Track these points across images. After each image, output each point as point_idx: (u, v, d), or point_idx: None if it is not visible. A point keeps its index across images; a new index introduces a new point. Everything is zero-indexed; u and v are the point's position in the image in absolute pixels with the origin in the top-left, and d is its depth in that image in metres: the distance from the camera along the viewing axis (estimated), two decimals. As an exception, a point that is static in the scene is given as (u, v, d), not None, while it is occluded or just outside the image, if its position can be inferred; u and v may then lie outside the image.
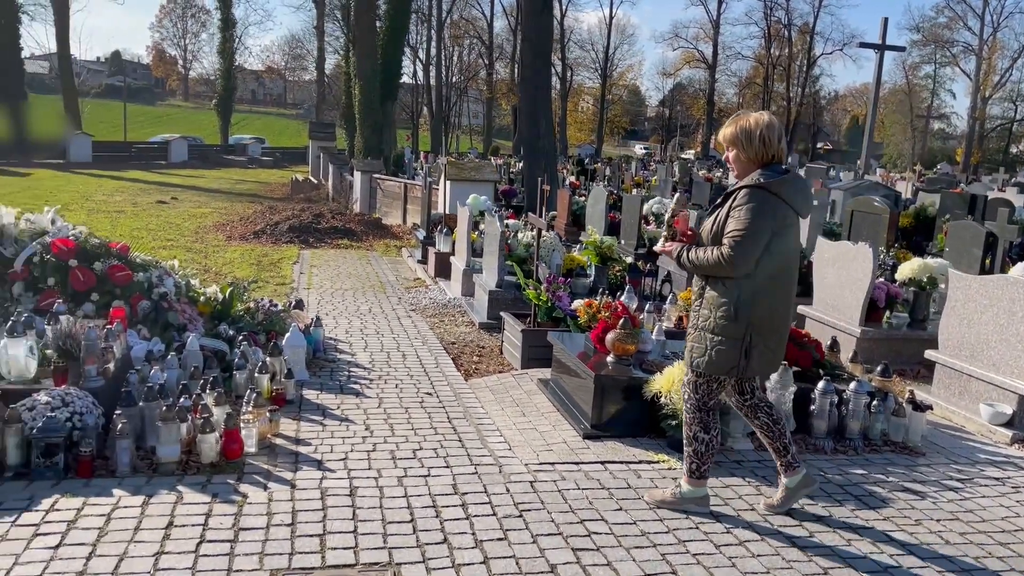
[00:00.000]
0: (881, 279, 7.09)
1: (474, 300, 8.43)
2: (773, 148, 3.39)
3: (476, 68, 66.23)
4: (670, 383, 4.39)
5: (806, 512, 3.78)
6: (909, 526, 3.72)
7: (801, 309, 7.28)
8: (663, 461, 4.30)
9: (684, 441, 3.65)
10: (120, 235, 13.02)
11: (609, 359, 4.85)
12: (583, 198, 16.62)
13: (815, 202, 10.89)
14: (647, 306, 6.47)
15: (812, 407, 4.72)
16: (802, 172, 31.88)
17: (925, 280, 6.88)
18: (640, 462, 4.29)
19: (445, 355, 6.53)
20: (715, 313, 3.41)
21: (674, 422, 4.36)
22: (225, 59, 44.53)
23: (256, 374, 4.91)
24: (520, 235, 9.20)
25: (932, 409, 5.20)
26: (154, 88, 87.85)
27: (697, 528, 3.55)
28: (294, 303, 6.91)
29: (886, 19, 21.39)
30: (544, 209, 12.73)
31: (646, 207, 12.55)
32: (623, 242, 10.80)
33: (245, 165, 37.38)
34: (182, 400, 4.18)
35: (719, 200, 3.51)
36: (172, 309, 5.51)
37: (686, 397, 3.60)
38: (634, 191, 20.46)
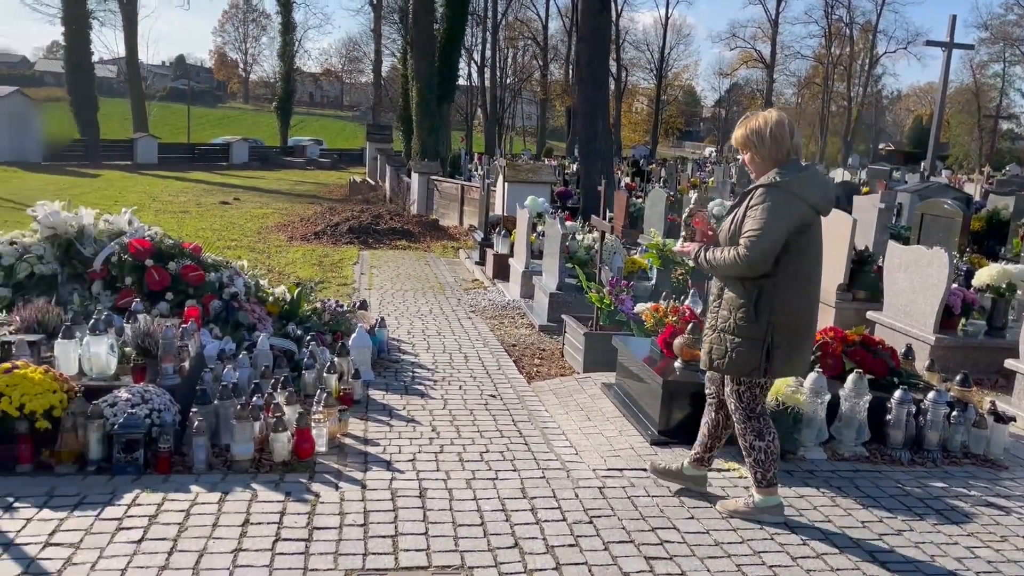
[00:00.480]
0: (956, 285, 6.86)
1: (533, 302, 8.42)
2: (786, 145, 3.36)
3: (530, 69, 66.27)
4: (741, 390, 4.31)
5: (885, 525, 3.67)
6: (995, 542, 3.58)
7: (871, 315, 7.10)
8: (733, 469, 4.22)
9: (743, 452, 3.61)
10: (186, 235, 13.34)
11: (677, 364, 4.78)
12: (640, 200, 16.52)
13: (871, 201, 10.66)
14: (712, 310, 6.35)
15: (888, 417, 4.58)
16: (863, 173, 31.16)
17: (1004, 286, 6.63)
18: (710, 469, 4.21)
19: (506, 357, 6.53)
20: (735, 314, 3.38)
21: (745, 430, 4.27)
22: (285, 62, 45.39)
23: (324, 374, 4.97)
24: (579, 237, 9.16)
25: (1016, 421, 5.01)
26: (216, 91, 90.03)
27: (772, 539, 3.48)
28: (358, 304, 6.98)
29: (954, 16, 20.69)
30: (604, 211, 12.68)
31: (707, 209, 12.37)
32: (683, 245, 10.65)
33: (304, 166, 38.04)
34: (255, 399, 4.25)
35: (737, 200, 3.48)
36: (242, 309, 5.62)
37: (733, 408, 3.54)
38: (691, 193, 20.26)
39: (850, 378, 4.50)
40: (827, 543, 3.47)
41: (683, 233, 3.77)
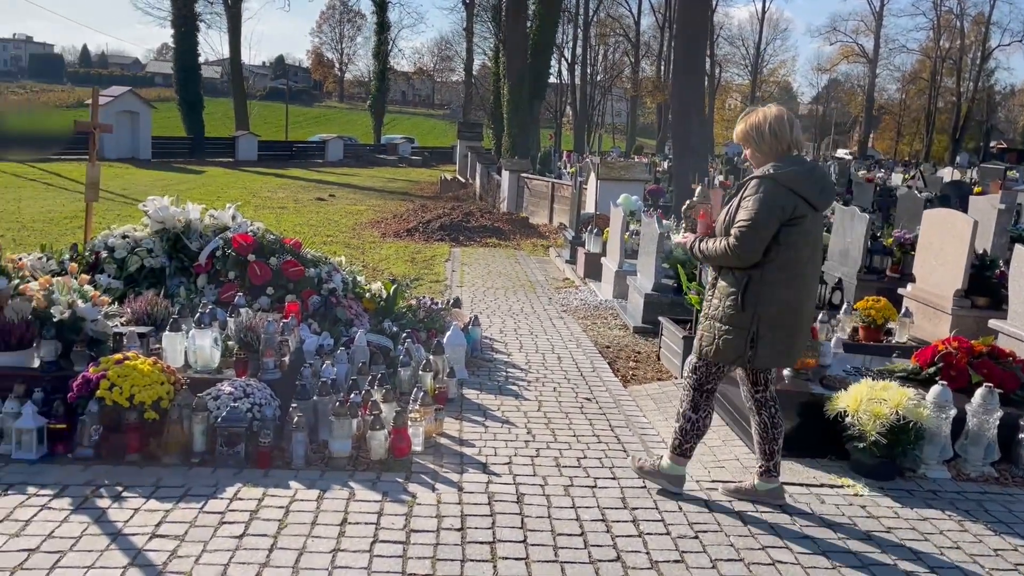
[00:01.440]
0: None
1: (627, 303, 8.23)
2: (786, 139, 3.40)
3: (621, 66, 65.63)
4: (857, 402, 4.05)
5: (1021, 555, 3.36)
6: None
7: (993, 323, 6.61)
8: (848, 486, 3.97)
9: (675, 416, 3.71)
10: (284, 231, 13.67)
11: (786, 373, 4.54)
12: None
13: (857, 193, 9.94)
14: (819, 316, 6.05)
15: (1021, 435, 4.23)
16: (974, 172, 29.37)
17: None
18: (822, 485, 3.97)
19: (600, 359, 6.38)
20: (724, 302, 3.44)
21: (860, 444, 4.01)
22: (379, 61, 46.30)
23: (420, 372, 4.95)
24: (675, 236, 8.91)
25: None
26: (312, 90, 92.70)
27: (894, 565, 3.23)
28: (452, 301, 6.96)
29: (1083, 4, 19.27)
30: (697, 210, 12.37)
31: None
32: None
33: (396, 164, 38.68)
34: (352, 396, 4.24)
35: (734, 191, 3.52)
36: (340, 305, 5.66)
37: (685, 374, 3.69)
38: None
39: (979, 392, 4.17)
40: (958, 572, 3.20)
41: (684, 224, 4.06)
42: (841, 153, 65.26)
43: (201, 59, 36.64)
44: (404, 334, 5.50)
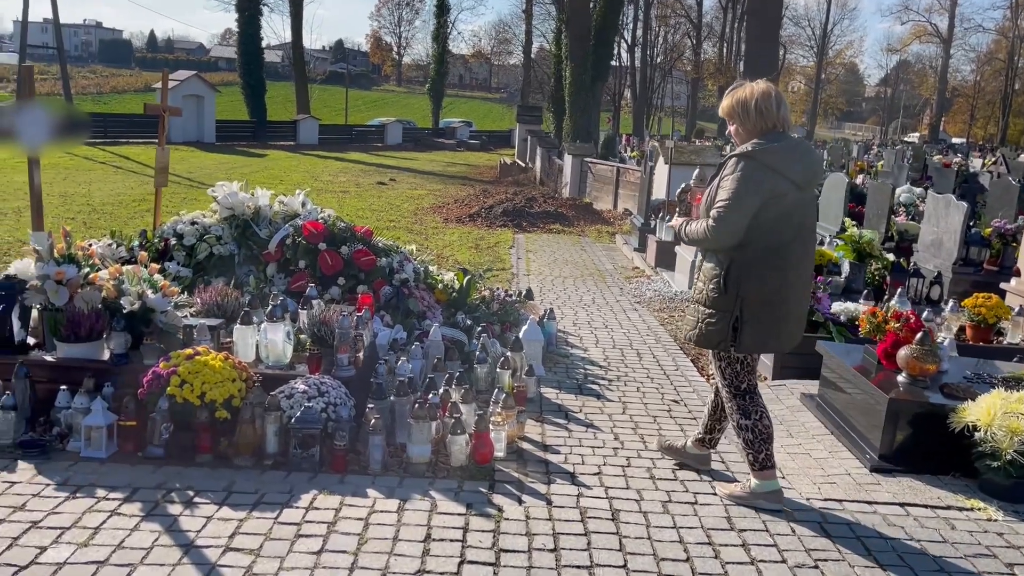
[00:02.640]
0: None
1: (706, 295, 7.82)
2: (772, 117, 3.27)
3: (681, 48, 64.28)
4: (990, 416, 3.63)
5: None
6: None
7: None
8: (978, 508, 3.57)
9: (734, 432, 3.50)
10: (346, 215, 13.53)
11: (900, 378, 4.13)
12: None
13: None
14: (925, 313, 5.59)
15: None
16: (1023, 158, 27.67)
17: None
18: (948, 507, 3.58)
19: (683, 356, 6.03)
20: (708, 286, 3.36)
21: (994, 463, 3.60)
22: (438, 44, 46.11)
23: (498, 369, 4.68)
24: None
25: None
26: (371, 74, 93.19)
27: (1049, 607, 2.85)
28: (525, 293, 6.66)
29: None
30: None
31: (896, 195, 11.27)
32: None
33: (454, 148, 38.49)
34: (430, 396, 3.99)
35: (715, 171, 3.41)
36: (412, 296, 5.42)
37: (720, 385, 3.53)
38: (859, 178, 18.73)
39: None
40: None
41: (678, 208, 3.92)
42: (911, 137, 63.00)
43: (263, 43, 36.90)
44: (479, 328, 5.23)
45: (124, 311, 4.02)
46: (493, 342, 5.15)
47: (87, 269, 4.34)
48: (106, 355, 4.10)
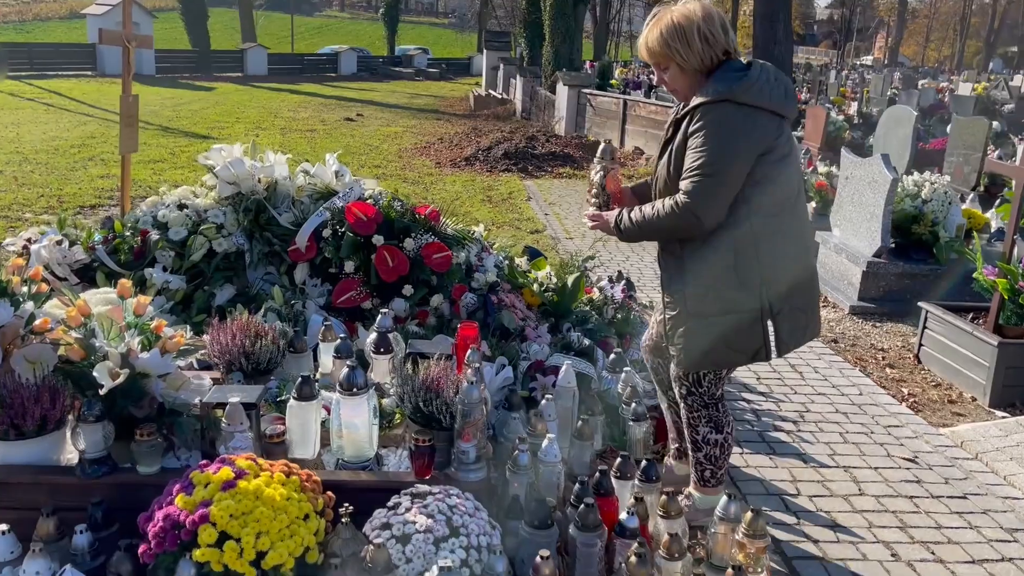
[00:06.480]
0: None
1: (823, 271, 6.37)
2: (720, 43, 2.47)
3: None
4: None
5: None
6: None
7: None
8: None
9: (690, 445, 2.83)
10: (322, 159, 11.70)
11: None
12: (841, 117, 13.98)
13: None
14: None
15: None
16: (1017, 81, 26.54)
17: None
18: None
19: (846, 364, 4.60)
20: (712, 288, 2.52)
21: None
22: (390, -36, 42.91)
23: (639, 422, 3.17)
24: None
25: None
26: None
27: None
28: (624, 283, 4.96)
29: None
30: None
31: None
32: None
33: (412, 77, 36.08)
34: (626, 517, 2.44)
35: (668, 131, 2.61)
36: (504, 305, 3.82)
37: (683, 394, 2.75)
38: (852, 107, 17.35)
39: None
40: None
41: (593, 200, 2.82)
42: (866, 60, 61.90)
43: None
44: (613, 355, 3.64)
45: (100, 389, 2.36)
46: (631, 373, 3.59)
47: (30, 305, 2.64)
48: (72, 456, 2.46)
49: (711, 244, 2.52)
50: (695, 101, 2.45)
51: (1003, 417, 3.94)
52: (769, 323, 2.54)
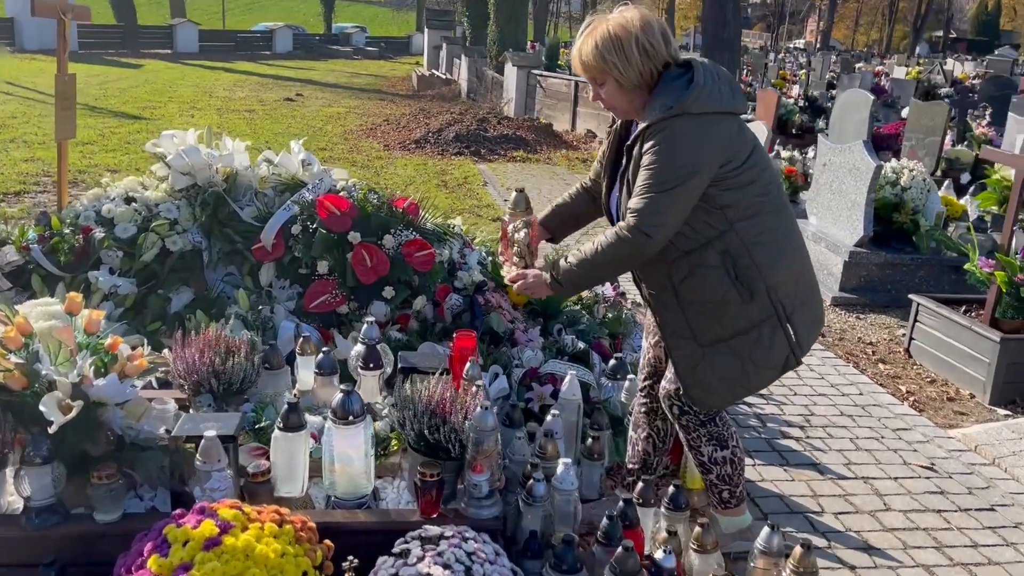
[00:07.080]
0: None
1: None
2: (660, 55, 2.25)
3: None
4: None
5: None
6: None
7: None
8: None
9: (698, 468, 2.61)
10: (265, 142, 11.12)
11: None
12: (791, 100, 14.01)
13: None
14: None
15: None
16: (949, 64, 27.17)
17: None
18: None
19: (836, 357, 4.43)
20: (720, 303, 2.30)
21: None
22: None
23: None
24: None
25: None
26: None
27: None
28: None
29: None
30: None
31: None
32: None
33: (350, 56, 35.13)
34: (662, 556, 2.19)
35: (609, 155, 2.47)
36: (491, 305, 3.52)
37: (676, 414, 2.54)
38: (795, 90, 17.43)
39: None
40: None
41: (514, 261, 2.61)
42: (798, 43, 62.96)
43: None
44: (614, 360, 3.37)
45: (48, 425, 1.98)
46: (633, 381, 3.34)
47: (-45, 323, 2.23)
48: (16, 502, 2.09)
49: (703, 264, 2.32)
50: (644, 123, 2.24)
51: (1006, 415, 3.82)
52: (789, 326, 2.33)
